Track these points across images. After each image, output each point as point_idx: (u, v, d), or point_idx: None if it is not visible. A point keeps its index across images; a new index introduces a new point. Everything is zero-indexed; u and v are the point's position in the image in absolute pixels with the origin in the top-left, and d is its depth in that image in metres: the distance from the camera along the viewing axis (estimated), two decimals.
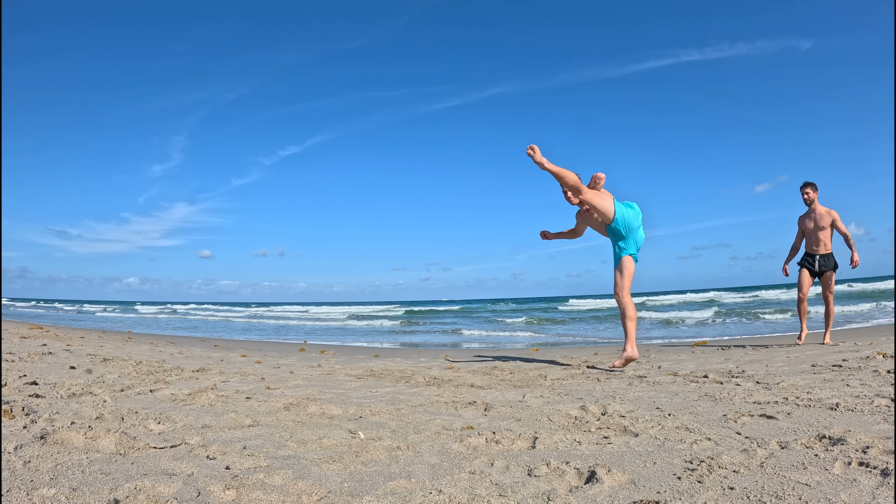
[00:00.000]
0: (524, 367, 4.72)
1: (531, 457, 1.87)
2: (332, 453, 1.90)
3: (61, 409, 2.43)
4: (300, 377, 3.99)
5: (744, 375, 3.59)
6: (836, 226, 5.75)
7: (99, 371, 3.82)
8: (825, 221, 5.79)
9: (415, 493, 1.52)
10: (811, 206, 5.90)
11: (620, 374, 4.03)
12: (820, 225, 5.81)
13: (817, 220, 5.84)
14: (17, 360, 4.11)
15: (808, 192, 5.86)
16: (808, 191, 5.86)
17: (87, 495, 1.41)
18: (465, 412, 2.68)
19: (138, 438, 1.97)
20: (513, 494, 1.50)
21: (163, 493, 1.47)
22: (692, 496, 1.46)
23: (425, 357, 6.11)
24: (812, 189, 5.85)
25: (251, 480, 1.58)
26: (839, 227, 5.73)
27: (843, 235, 5.73)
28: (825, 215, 5.80)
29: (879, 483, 1.46)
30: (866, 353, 4.41)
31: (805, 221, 5.97)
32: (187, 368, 4.23)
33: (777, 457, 1.74)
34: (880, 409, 2.32)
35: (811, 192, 5.85)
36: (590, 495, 1.49)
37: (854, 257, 5.63)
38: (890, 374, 3.19)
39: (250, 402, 2.86)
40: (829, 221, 5.78)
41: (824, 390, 2.85)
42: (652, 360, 4.91)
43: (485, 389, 3.44)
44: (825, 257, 5.83)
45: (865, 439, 1.82)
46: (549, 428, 2.27)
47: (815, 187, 5.86)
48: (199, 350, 6.51)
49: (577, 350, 6.73)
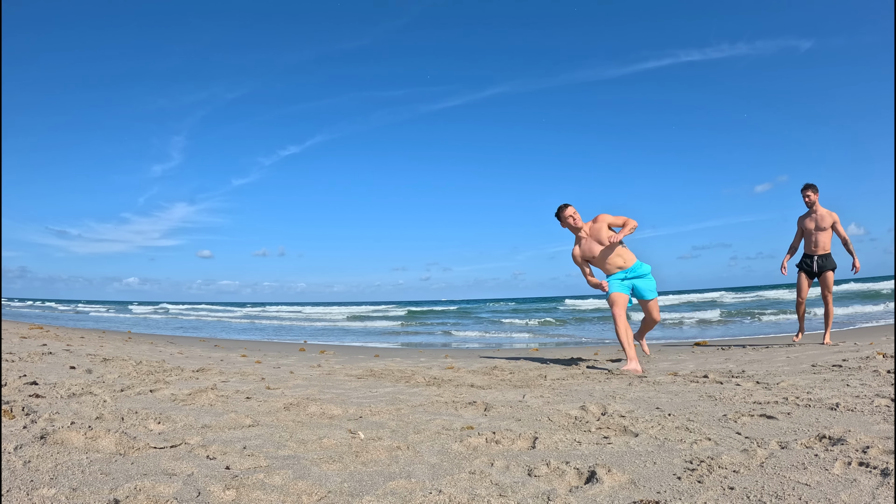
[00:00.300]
0: (524, 367, 4.72)
1: (531, 457, 1.87)
2: (332, 453, 1.90)
3: (61, 409, 2.43)
4: (300, 377, 3.99)
5: (744, 375, 3.59)
6: (836, 228, 5.80)
7: (99, 371, 3.82)
8: (826, 223, 5.83)
9: (415, 493, 1.52)
10: (812, 207, 5.93)
11: (620, 374, 4.03)
12: (821, 226, 5.85)
13: (818, 221, 5.87)
14: (17, 360, 4.11)
15: (808, 194, 5.89)
16: (809, 193, 5.89)
17: (87, 495, 1.41)
18: (465, 412, 2.68)
19: (138, 438, 1.97)
20: (513, 494, 1.50)
21: (163, 493, 1.47)
22: (692, 496, 1.46)
23: (425, 357, 6.11)
24: (813, 191, 5.89)
25: (251, 480, 1.58)
26: (839, 231, 5.79)
27: (843, 239, 5.80)
28: (826, 217, 5.84)
29: (879, 483, 1.46)
30: (866, 353, 4.41)
31: (805, 221, 5.99)
32: (187, 368, 4.23)
33: (777, 457, 1.74)
34: (880, 409, 2.32)
35: (812, 194, 5.89)
36: (590, 495, 1.49)
37: (855, 262, 5.70)
38: (890, 374, 3.19)
39: (250, 402, 2.86)
40: (829, 223, 5.82)
41: (824, 390, 2.85)
42: (652, 361, 4.91)
43: (485, 389, 3.44)
44: (823, 257, 5.86)
45: (865, 439, 1.82)
46: (549, 428, 2.27)
47: (815, 189, 5.90)
48: (199, 350, 6.51)
49: (578, 350, 6.73)
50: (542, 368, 4.56)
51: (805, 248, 6.02)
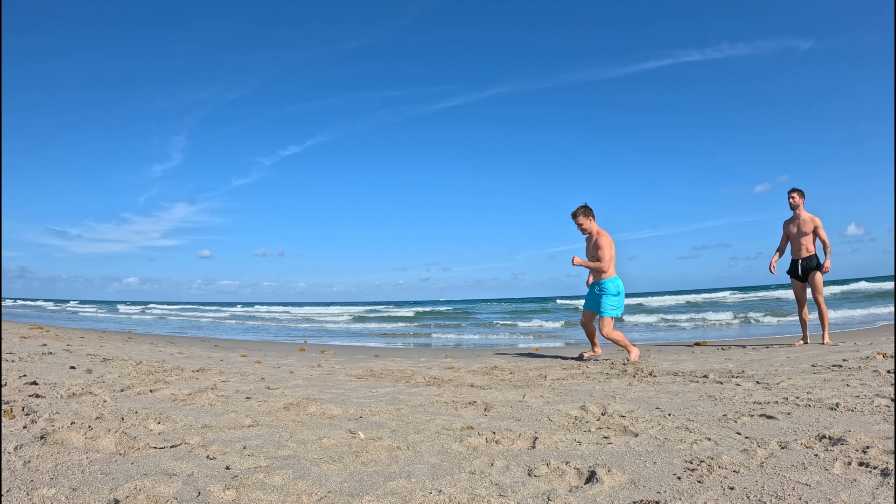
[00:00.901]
0: (524, 367, 4.72)
1: (531, 457, 1.87)
2: (332, 453, 1.90)
3: (61, 409, 2.43)
4: (300, 377, 3.99)
5: (744, 375, 3.59)
6: (818, 233, 5.98)
7: (99, 371, 3.82)
8: (808, 227, 6.02)
9: (415, 493, 1.52)
10: (796, 212, 6.12)
11: (620, 374, 4.04)
12: (803, 231, 6.04)
13: (800, 226, 6.07)
14: (17, 360, 4.11)
15: (794, 196, 6.08)
16: (795, 195, 6.08)
17: (87, 495, 1.41)
18: (465, 412, 2.68)
19: (138, 438, 1.97)
20: (513, 494, 1.50)
21: (163, 493, 1.47)
22: (692, 496, 1.46)
23: (425, 357, 6.11)
24: (798, 194, 6.09)
25: (251, 480, 1.58)
26: (820, 235, 5.96)
27: (823, 243, 5.97)
28: (808, 221, 6.02)
29: (879, 483, 1.46)
30: (866, 353, 4.42)
31: (789, 227, 6.20)
32: (187, 368, 4.23)
33: (777, 457, 1.74)
34: (880, 409, 2.32)
35: (797, 196, 6.08)
36: (590, 495, 1.49)
37: (826, 263, 5.87)
38: (890, 374, 3.19)
39: (250, 402, 2.86)
40: (811, 228, 6.00)
41: (824, 390, 2.85)
42: (652, 361, 4.91)
43: (485, 389, 3.44)
44: (807, 259, 6.05)
45: (865, 439, 1.82)
46: (549, 428, 2.27)
47: (801, 193, 6.09)
48: (199, 350, 6.51)
49: (578, 350, 6.73)
50: (542, 368, 4.56)
51: (791, 253, 6.22)
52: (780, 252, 6.31)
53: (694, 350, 5.95)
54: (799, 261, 6.06)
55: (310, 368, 4.66)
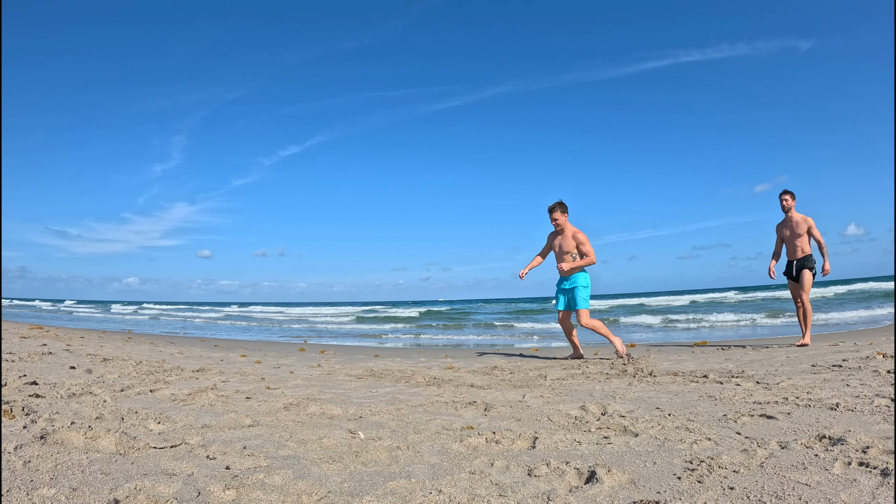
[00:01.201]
0: (524, 367, 4.72)
1: (531, 457, 1.87)
2: (332, 453, 1.90)
3: (61, 409, 2.43)
4: (300, 377, 3.99)
5: (744, 375, 3.59)
6: (812, 233, 5.98)
7: (99, 371, 3.82)
8: (801, 229, 6.01)
9: (415, 493, 1.52)
10: (788, 214, 6.12)
11: (620, 374, 4.04)
12: (797, 232, 6.04)
13: (794, 228, 6.06)
14: (17, 360, 4.11)
15: (786, 198, 6.09)
16: (787, 197, 6.09)
17: (87, 495, 1.41)
18: (465, 412, 2.68)
19: (138, 438, 1.97)
20: (513, 494, 1.50)
21: (163, 493, 1.47)
22: (692, 496, 1.46)
23: (425, 357, 6.11)
24: (791, 197, 6.10)
25: (251, 480, 1.58)
26: (814, 234, 5.96)
27: (818, 242, 5.97)
28: (801, 223, 6.02)
29: (879, 483, 1.46)
30: (866, 353, 4.41)
31: (782, 230, 6.19)
32: (187, 368, 4.23)
33: (777, 457, 1.74)
34: (880, 409, 2.32)
35: (789, 199, 6.09)
36: (590, 495, 1.49)
37: (825, 266, 5.85)
38: (890, 374, 3.19)
39: (250, 402, 2.86)
40: (805, 228, 6.00)
41: (824, 390, 2.85)
42: (652, 360, 4.91)
43: (485, 389, 3.44)
44: (802, 259, 6.04)
45: (865, 439, 1.82)
46: (549, 428, 2.27)
47: (793, 195, 6.11)
48: (199, 350, 6.51)
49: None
50: (542, 368, 4.56)
51: (787, 255, 6.21)
52: (777, 256, 6.31)
53: (694, 350, 5.95)
54: (794, 262, 6.06)
55: (310, 368, 4.66)
